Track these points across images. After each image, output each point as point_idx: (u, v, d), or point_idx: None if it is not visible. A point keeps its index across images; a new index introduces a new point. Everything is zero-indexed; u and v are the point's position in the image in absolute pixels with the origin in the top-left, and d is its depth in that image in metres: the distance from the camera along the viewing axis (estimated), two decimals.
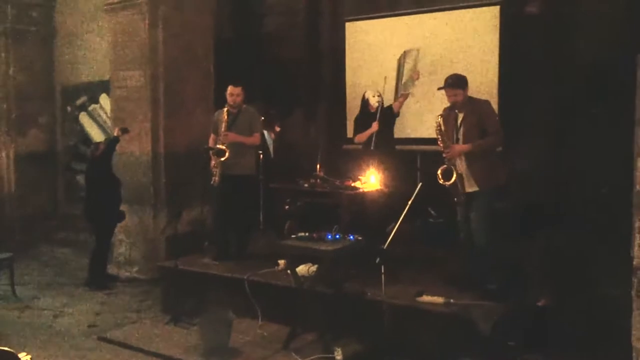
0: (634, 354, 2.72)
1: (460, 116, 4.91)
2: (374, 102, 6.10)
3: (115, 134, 6.90)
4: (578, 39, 6.11)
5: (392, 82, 6.29)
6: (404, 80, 6.09)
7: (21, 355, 2.73)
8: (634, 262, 2.68)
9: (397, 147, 6.36)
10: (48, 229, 9.02)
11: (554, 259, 3.36)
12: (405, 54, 6.15)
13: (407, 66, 6.12)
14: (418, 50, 6.24)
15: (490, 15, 6.39)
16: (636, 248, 2.67)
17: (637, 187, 2.68)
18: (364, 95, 6.23)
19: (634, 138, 2.73)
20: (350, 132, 6.77)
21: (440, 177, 4.79)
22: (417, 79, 6.13)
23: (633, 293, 2.71)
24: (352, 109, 6.86)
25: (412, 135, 6.68)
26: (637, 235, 2.65)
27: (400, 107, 6.21)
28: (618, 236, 3.86)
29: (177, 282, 5.78)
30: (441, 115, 4.94)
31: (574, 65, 6.14)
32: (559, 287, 3.23)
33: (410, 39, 6.76)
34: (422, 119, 6.42)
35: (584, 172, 5.87)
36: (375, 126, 5.97)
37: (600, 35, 5.90)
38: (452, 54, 6.51)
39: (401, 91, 6.09)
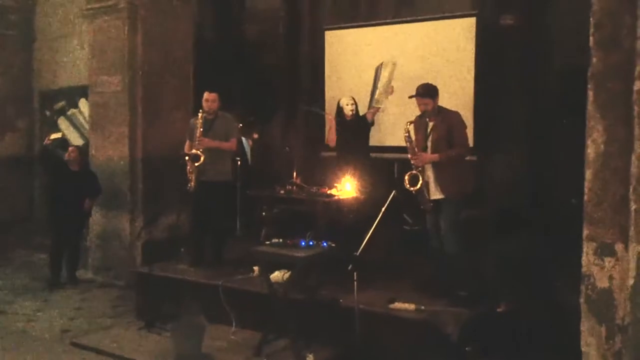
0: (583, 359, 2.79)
1: (431, 124, 4.98)
2: (348, 110, 6.18)
3: (44, 142, 7.06)
4: (553, 49, 6.22)
5: (368, 90, 6.35)
6: (377, 94, 6.15)
7: None
8: (582, 270, 2.74)
9: (375, 154, 6.41)
10: (24, 233, 8.93)
11: (513, 265, 3.42)
12: (382, 66, 6.20)
13: (383, 79, 6.17)
14: (394, 63, 6.29)
15: (466, 26, 6.49)
16: (584, 256, 2.73)
17: (585, 197, 2.75)
18: (338, 103, 6.29)
19: (585, 149, 2.80)
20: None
21: (407, 182, 4.85)
22: (391, 93, 6.20)
23: (582, 300, 2.78)
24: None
25: (390, 144, 6.74)
26: (585, 243, 2.72)
27: (372, 117, 6.30)
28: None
29: (152, 287, 5.76)
30: (411, 123, 5.01)
31: (549, 75, 6.24)
32: (519, 293, 3.28)
33: (387, 48, 6.83)
34: (400, 127, 6.46)
35: (558, 181, 5.95)
36: (331, 120, 6.06)
37: (576, 45, 5.98)
38: (428, 64, 6.59)
39: (374, 104, 6.16)
